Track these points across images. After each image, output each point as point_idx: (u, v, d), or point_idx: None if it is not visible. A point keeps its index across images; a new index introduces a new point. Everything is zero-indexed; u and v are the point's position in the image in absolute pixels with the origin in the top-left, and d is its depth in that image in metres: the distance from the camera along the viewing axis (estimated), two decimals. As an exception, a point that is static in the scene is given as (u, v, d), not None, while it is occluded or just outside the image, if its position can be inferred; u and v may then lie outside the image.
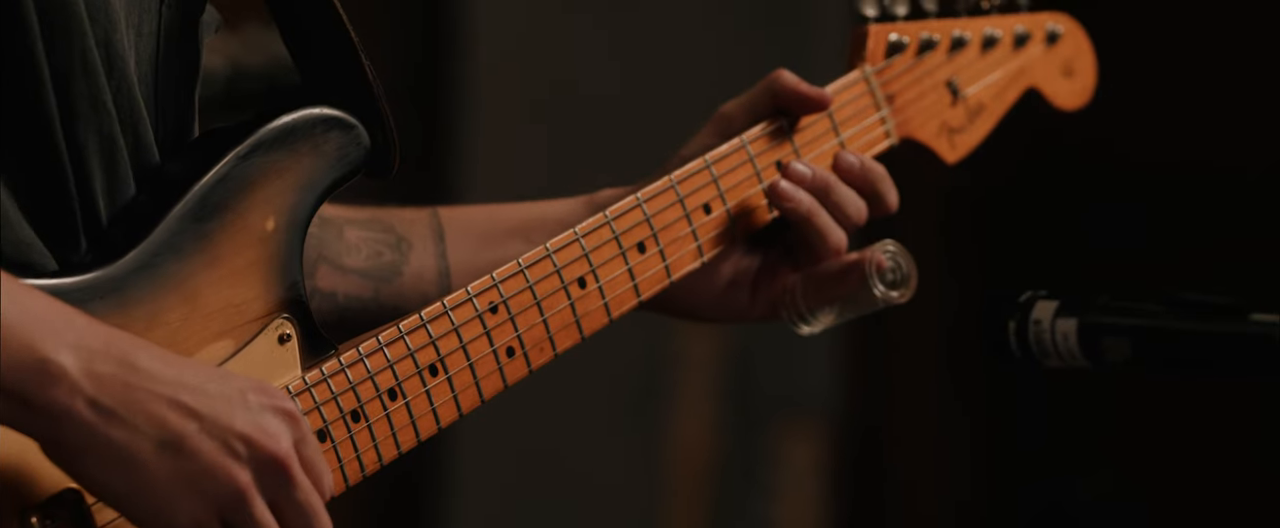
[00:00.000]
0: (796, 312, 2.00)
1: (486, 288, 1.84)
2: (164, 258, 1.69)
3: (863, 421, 4.37)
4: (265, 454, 1.60)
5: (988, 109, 2.13)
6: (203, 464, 1.58)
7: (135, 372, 1.57)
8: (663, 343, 4.18)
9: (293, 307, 1.75)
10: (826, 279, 2.00)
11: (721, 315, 2.03)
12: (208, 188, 1.71)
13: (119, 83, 1.70)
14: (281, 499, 1.62)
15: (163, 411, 1.58)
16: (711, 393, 4.24)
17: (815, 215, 1.98)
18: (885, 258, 1.97)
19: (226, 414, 1.59)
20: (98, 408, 1.56)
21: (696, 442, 4.23)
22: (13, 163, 1.65)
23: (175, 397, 1.58)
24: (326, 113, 1.75)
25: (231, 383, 1.61)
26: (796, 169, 1.98)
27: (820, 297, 1.99)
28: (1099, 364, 1.76)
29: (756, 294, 2.03)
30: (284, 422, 1.62)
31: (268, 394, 1.62)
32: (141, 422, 1.57)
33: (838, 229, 1.99)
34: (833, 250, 1.99)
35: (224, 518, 1.60)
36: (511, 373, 1.85)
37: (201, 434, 1.58)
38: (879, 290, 1.97)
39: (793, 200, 1.98)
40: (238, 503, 1.60)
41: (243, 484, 1.59)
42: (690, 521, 4.24)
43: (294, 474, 1.61)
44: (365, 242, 2.02)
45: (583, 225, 1.90)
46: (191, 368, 1.61)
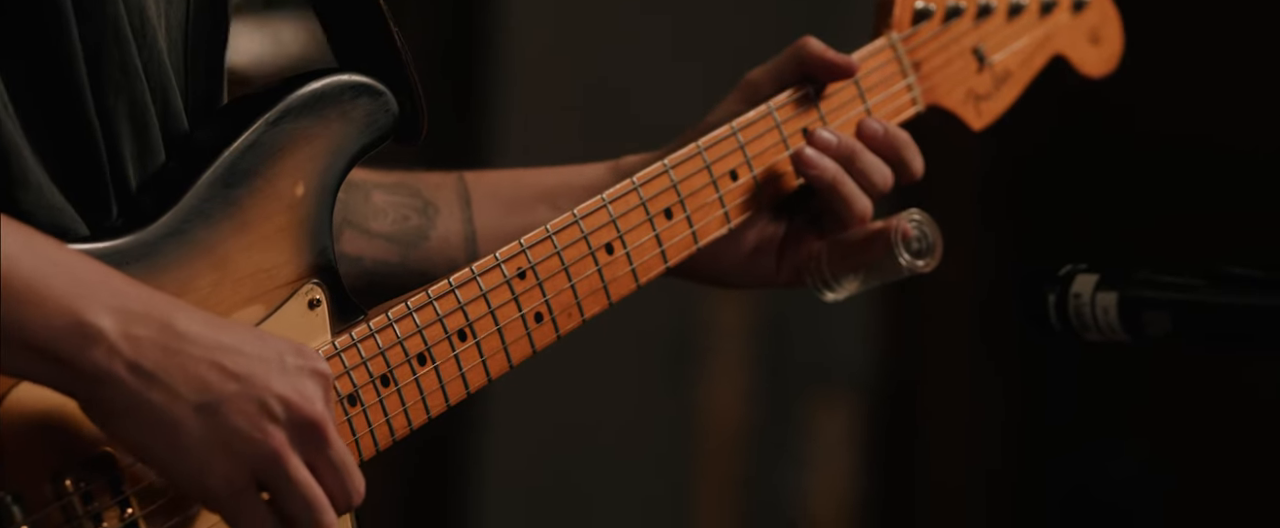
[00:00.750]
0: (821, 278, 2.00)
1: (515, 254, 1.85)
2: (194, 224, 1.70)
3: (895, 391, 4.37)
4: (301, 416, 1.61)
5: (1014, 76, 2.12)
6: (240, 426, 1.59)
7: (173, 334, 1.58)
8: (695, 311, 4.19)
9: (322, 272, 1.75)
10: (852, 246, 2.00)
11: (748, 281, 2.04)
12: (237, 154, 1.71)
13: (149, 50, 1.71)
14: (317, 460, 1.63)
15: (201, 372, 1.59)
16: (743, 362, 4.24)
17: (840, 183, 1.98)
18: (911, 226, 1.97)
19: (264, 376, 1.60)
20: (136, 370, 1.57)
21: (728, 410, 4.23)
22: (44, 129, 1.66)
23: (213, 359, 1.59)
24: (355, 79, 1.76)
25: (269, 345, 1.62)
26: (822, 136, 1.98)
27: (845, 263, 1.99)
28: (1139, 338, 1.76)
29: (782, 260, 2.03)
30: (319, 384, 1.63)
31: (304, 356, 1.63)
32: (179, 384, 1.58)
33: (863, 197, 1.99)
34: (858, 218, 1.99)
35: (260, 479, 1.61)
36: (540, 338, 1.86)
37: (238, 397, 1.59)
38: (904, 259, 1.97)
39: (817, 167, 1.98)
40: (274, 465, 1.61)
41: (278, 445, 1.60)
42: (721, 489, 4.24)
43: (329, 435, 1.62)
44: (392, 206, 2.02)
45: (610, 192, 1.90)
46: (229, 330, 1.61)
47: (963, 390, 4.41)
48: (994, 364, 4.38)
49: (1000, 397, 4.40)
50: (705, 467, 4.23)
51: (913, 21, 2.07)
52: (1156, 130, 4.26)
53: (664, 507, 4.22)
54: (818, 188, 1.99)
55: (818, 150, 1.98)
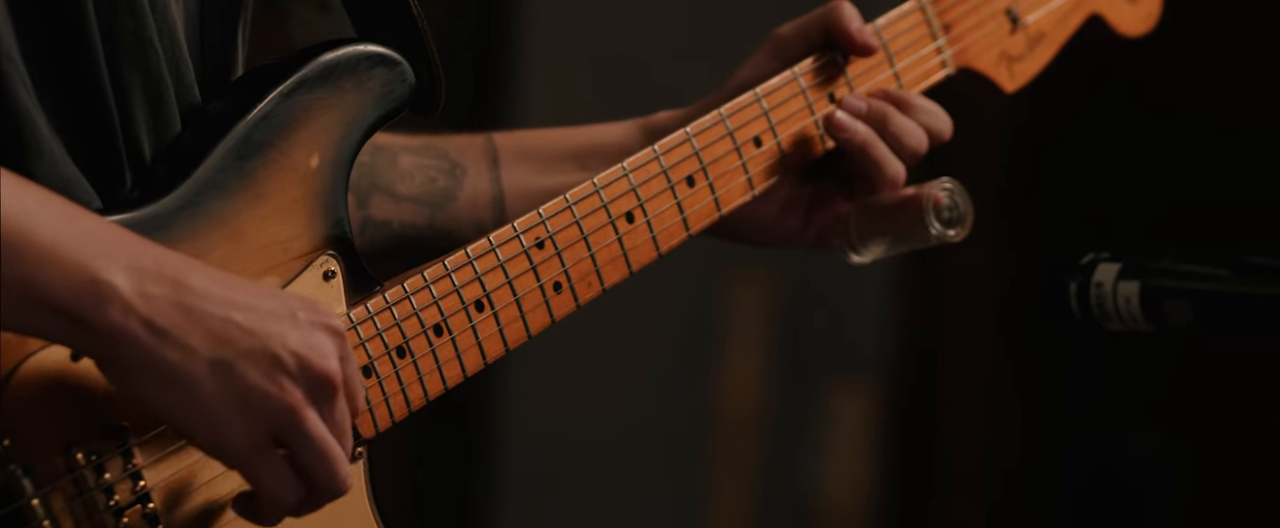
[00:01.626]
0: (848, 240, 1.99)
1: (533, 224, 1.83)
2: (208, 196, 1.69)
3: (913, 377, 4.36)
4: (315, 372, 1.61)
5: (1049, 36, 2.10)
6: (255, 383, 1.59)
7: (187, 292, 1.58)
8: (714, 296, 4.18)
9: (337, 243, 1.74)
10: (882, 210, 1.98)
11: (773, 240, 2.03)
12: (251, 126, 1.71)
13: (163, 22, 1.70)
14: (326, 415, 1.62)
15: (216, 329, 1.58)
16: (762, 348, 4.23)
17: (872, 146, 1.97)
18: (943, 195, 1.95)
19: (278, 332, 1.60)
20: (151, 328, 1.57)
21: (746, 396, 4.22)
22: (59, 102, 1.66)
23: (227, 316, 1.59)
24: (371, 49, 1.75)
25: (282, 301, 1.62)
26: (852, 101, 1.98)
27: (873, 227, 1.97)
28: (1161, 327, 1.76)
29: (810, 220, 2.02)
30: (332, 339, 1.63)
31: (316, 311, 1.63)
32: (195, 341, 1.58)
33: (895, 160, 1.98)
34: (889, 181, 1.98)
35: (277, 434, 1.61)
36: (558, 308, 1.84)
37: (253, 353, 1.59)
38: (935, 228, 1.95)
39: (848, 131, 1.97)
40: (290, 420, 1.60)
41: (295, 401, 1.60)
42: (739, 474, 4.23)
43: (338, 394, 1.62)
44: (419, 168, 2.01)
45: (631, 161, 1.89)
46: (242, 287, 1.61)
47: (981, 377, 4.40)
48: (1012, 351, 4.36)
49: (1018, 383, 4.39)
50: (723, 452, 4.22)
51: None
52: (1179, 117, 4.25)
53: (682, 491, 4.21)
54: (849, 152, 1.98)
55: (849, 114, 1.97)
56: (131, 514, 1.63)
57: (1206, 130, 4.23)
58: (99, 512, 1.62)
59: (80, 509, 1.61)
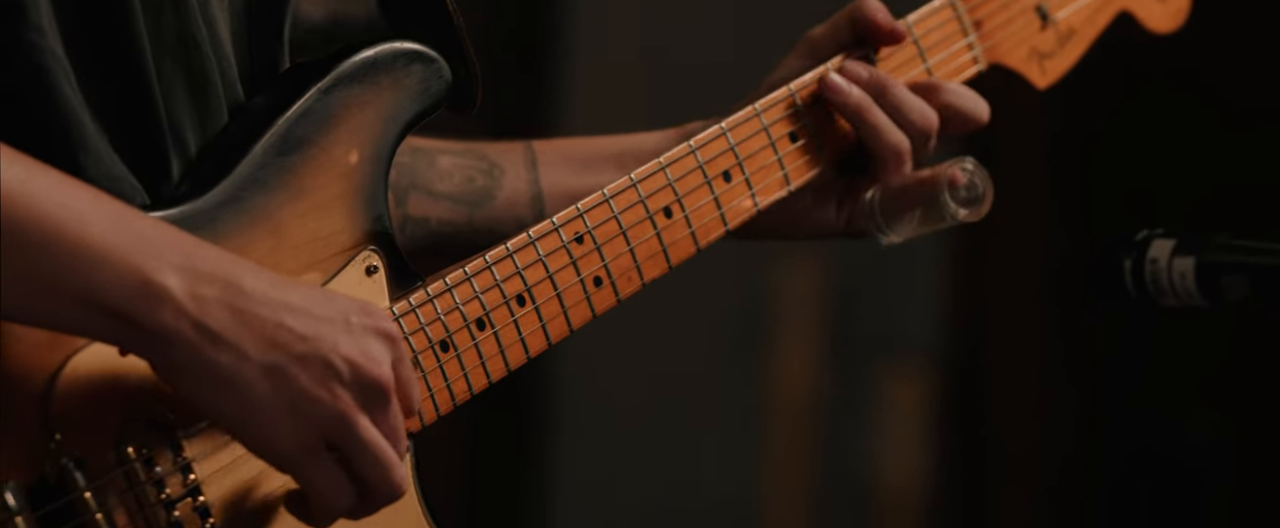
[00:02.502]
0: (875, 222, 1.98)
1: (572, 218, 1.84)
2: (250, 192, 1.70)
3: (965, 359, 4.35)
4: (368, 378, 1.61)
5: (1079, 33, 2.09)
6: (307, 388, 1.59)
7: (240, 294, 1.58)
8: (765, 282, 4.18)
9: (379, 239, 1.75)
10: (903, 191, 1.98)
11: (808, 232, 2.03)
12: (291, 122, 1.71)
13: (207, 18, 1.71)
14: (380, 420, 1.62)
15: (268, 333, 1.59)
16: (814, 333, 4.22)
17: (867, 111, 1.95)
18: (961, 174, 1.94)
19: (331, 337, 1.60)
20: (203, 331, 1.57)
21: (799, 380, 4.22)
22: (104, 98, 1.66)
23: (280, 320, 1.59)
24: (407, 46, 1.75)
25: (335, 304, 1.62)
26: (854, 66, 1.97)
27: (896, 208, 1.97)
28: (1217, 303, 1.75)
29: (840, 209, 2.02)
30: (386, 344, 1.62)
31: (370, 315, 1.63)
32: (248, 345, 1.58)
33: (895, 131, 1.96)
34: (891, 151, 1.96)
35: (330, 440, 1.61)
36: (599, 302, 1.85)
37: (306, 357, 1.59)
38: (950, 207, 1.94)
39: (841, 93, 1.95)
40: (342, 425, 1.60)
41: (346, 406, 1.60)
42: (792, 458, 4.23)
43: (391, 400, 1.62)
44: (458, 168, 2.02)
45: (668, 155, 1.90)
46: (296, 289, 1.61)
47: (1033, 357, 4.38)
48: (1063, 331, 4.35)
49: (1070, 363, 4.37)
50: (777, 438, 4.22)
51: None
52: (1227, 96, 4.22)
53: (735, 477, 4.21)
54: (844, 115, 1.97)
55: (845, 78, 1.96)
56: (183, 507, 1.64)
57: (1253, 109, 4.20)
58: (151, 505, 1.63)
59: (132, 502, 1.62)
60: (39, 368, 1.61)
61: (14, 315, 1.58)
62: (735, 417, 4.20)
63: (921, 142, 1.98)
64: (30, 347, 1.60)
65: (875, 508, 4.29)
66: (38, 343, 1.60)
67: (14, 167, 1.55)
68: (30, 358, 1.60)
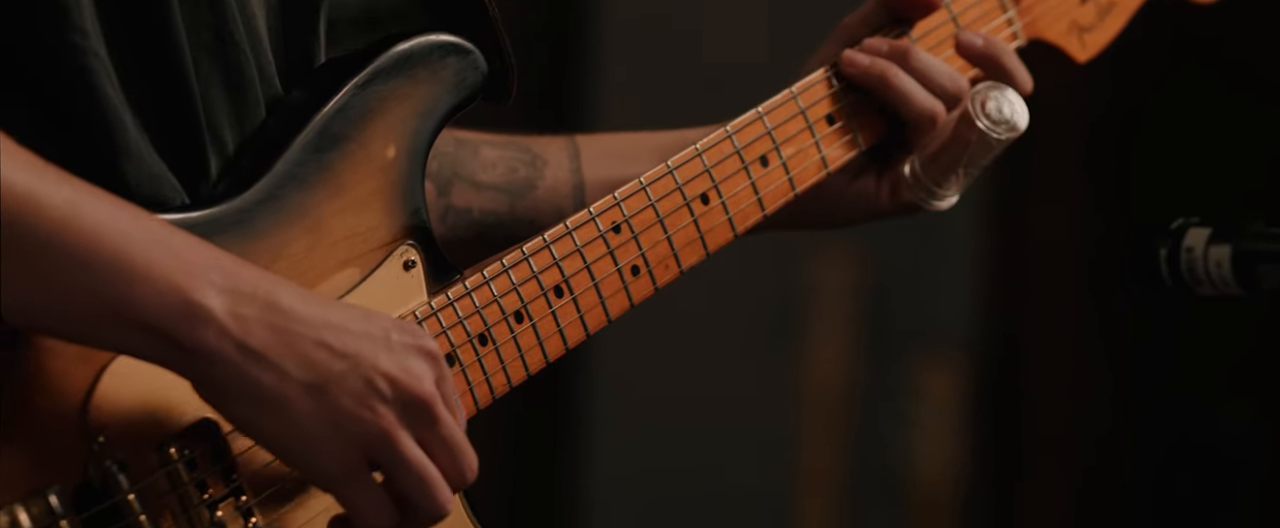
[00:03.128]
0: (924, 188, 1.96)
1: (609, 207, 1.84)
2: (287, 189, 1.70)
3: (1000, 350, 4.34)
4: (410, 395, 1.60)
5: (1119, 5, 2.08)
6: (348, 407, 1.59)
7: (280, 313, 1.58)
8: (799, 273, 4.17)
9: (417, 233, 1.75)
10: (940, 148, 1.95)
11: (851, 216, 2.02)
12: (328, 118, 1.71)
13: (245, 14, 1.71)
14: (428, 437, 1.62)
15: (309, 352, 1.58)
16: (848, 322, 4.22)
17: (891, 77, 1.94)
18: (984, 98, 1.92)
19: (371, 355, 1.60)
20: (245, 351, 1.57)
21: (833, 371, 4.21)
22: (145, 98, 1.67)
23: (320, 338, 1.59)
24: (443, 39, 1.75)
25: (375, 322, 1.61)
26: (874, 41, 1.96)
27: (940, 164, 1.94)
28: (1253, 292, 1.75)
29: (881, 186, 2.00)
30: (426, 361, 1.62)
31: (410, 333, 1.62)
32: (289, 364, 1.58)
33: (924, 93, 1.94)
34: (923, 113, 1.94)
35: (372, 459, 1.61)
36: (637, 292, 1.85)
37: (347, 376, 1.59)
38: (985, 125, 1.91)
39: (857, 65, 1.95)
40: (385, 444, 1.60)
41: (388, 425, 1.60)
42: (827, 449, 4.23)
43: (438, 412, 1.61)
44: (501, 159, 2.02)
45: (703, 142, 1.89)
46: (336, 308, 1.61)
47: (1068, 346, 4.37)
48: (1099, 320, 4.33)
49: (1106, 351, 4.35)
50: (812, 427, 4.21)
51: None
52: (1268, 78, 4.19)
53: (771, 467, 4.21)
54: (866, 86, 1.95)
55: (865, 52, 1.95)
56: (225, 507, 1.64)
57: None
58: (194, 506, 1.63)
59: (175, 504, 1.63)
60: (78, 377, 1.61)
61: (55, 331, 1.59)
62: (769, 408, 4.19)
63: (953, 104, 1.96)
64: (68, 360, 1.61)
65: (909, 499, 4.29)
66: (75, 355, 1.61)
67: (56, 184, 1.55)
68: (68, 369, 1.61)
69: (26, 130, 1.59)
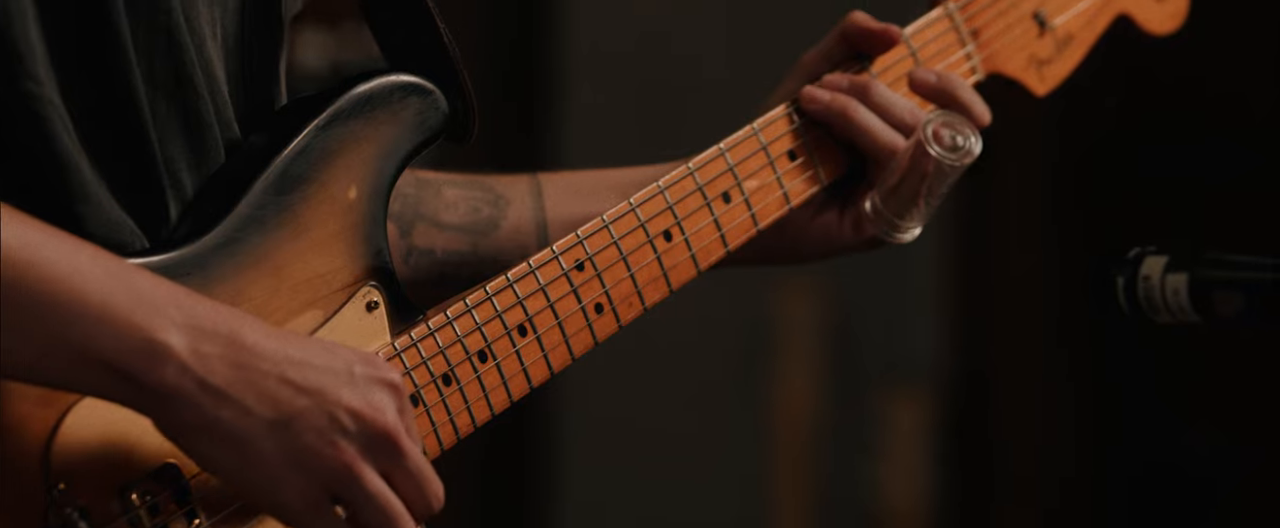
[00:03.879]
0: (886, 221, 1.96)
1: (572, 245, 1.84)
2: (248, 232, 1.69)
3: (967, 381, 4.34)
4: (373, 428, 1.60)
5: (1077, 38, 2.09)
6: (311, 442, 1.59)
7: (242, 349, 1.58)
8: (766, 307, 4.18)
9: (379, 274, 1.75)
10: (899, 181, 1.96)
11: (814, 251, 2.02)
12: (288, 161, 1.71)
13: (202, 59, 1.70)
14: (392, 469, 1.62)
15: (270, 388, 1.58)
16: (815, 355, 4.22)
17: (851, 112, 1.94)
18: (935, 124, 1.93)
19: (334, 389, 1.60)
20: (207, 388, 1.57)
21: (801, 404, 4.22)
22: (101, 143, 1.66)
23: (282, 374, 1.59)
24: (404, 79, 1.75)
25: (338, 357, 1.61)
26: (833, 77, 1.96)
27: (900, 195, 1.94)
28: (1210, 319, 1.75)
29: (843, 220, 2.01)
30: (389, 394, 1.62)
31: (373, 366, 1.62)
32: (251, 401, 1.58)
33: (885, 128, 1.95)
34: (885, 148, 1.95)
35: (334, 493, 1.61)
36: (601, 329, 1.85)
37: (309, 411, 1.59)
38: (936, 151, 1.91)
39: (819, 101, 1.95)
40: (347, 478, 1.60)
41: (350, 459, 1.60)
42: (795, 482, 4.23)
43: (402, 443, 1.61)
44: (463, 199, 2.02)
45: (666, 178, 1.89)
46: (297, 343, 1.61)
47: (1035, 378, 4.38)
48: (1064, 353, 4.35)
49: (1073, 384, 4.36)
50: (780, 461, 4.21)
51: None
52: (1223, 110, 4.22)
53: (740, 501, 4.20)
54: (826, 122, 1.95)
55: (826, 88, 1.95)
56: (187, 552, 1.63)
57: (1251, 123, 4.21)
58: (155, 551, 1.62)
59: (136, 550, 1.62)
60: (39, 421, 1.60)
61: (16, 375, 1.58)
62: (737, 442, 4.19)
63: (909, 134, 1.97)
64: (30, 403, 1.60)
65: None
66: (37, 399, 1.60)
67: (13, 227, 1.55)
68: (30, 413, 1.60)
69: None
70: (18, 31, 1.61)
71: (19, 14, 1.61)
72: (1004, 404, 4.38)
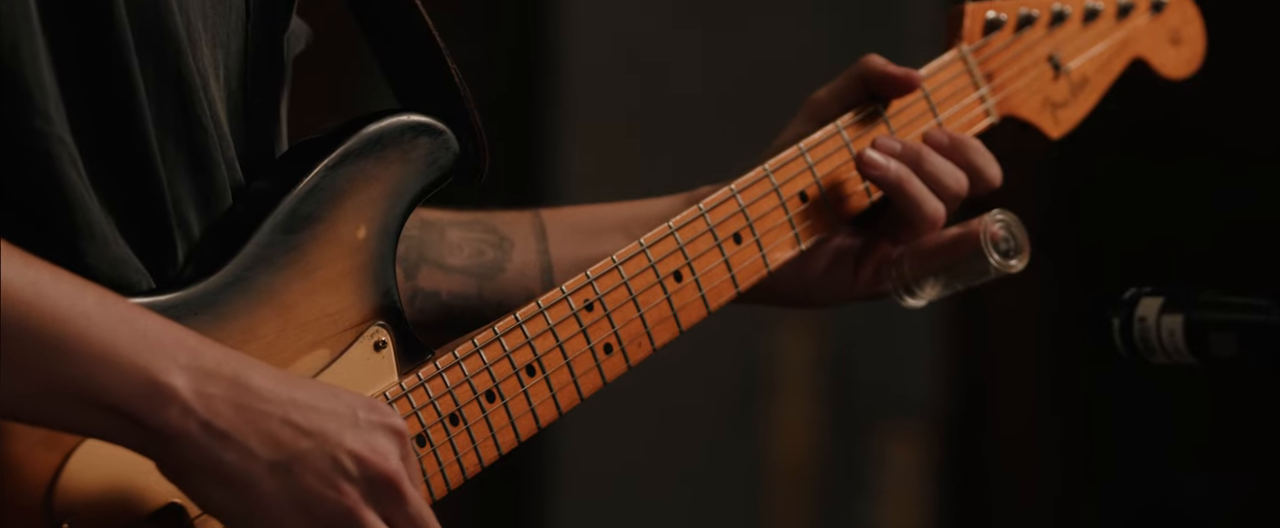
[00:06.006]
0: (903, 283, 1.96)
1: (581, 286, 1.83)
2: (256, 271, 1.69)
3: (964, 421, 4.34)
4: (376, 472, 1.60)
5: (1092, 82, 2.09)
6: (313, 485, 1.59)
7: (246, 392, 1.58)
8: (762, 345, 4.17)
9: (387, 313, 1.74)
10: (934, 250, 1.97)
11: (825, 298, 2.01)
12: (298, 200, 1.71)
13: (208, 98, 1.70)
14: (394, 514, 1.62)
15: (273, 430, 1.58)
16: (812, 394, 4.22)
17: (906, 182, 1.95)
18: (998, 227, 1.94)
19: (336, 433, 1.60)
20: (210, 430, 1.57)
21: (798, 442, 4.21)
22: (109, 181, 1.66)
23: (286, 416, 1.59)
24: (414, 119, 1.75)
25: (342, 400, 1.61)
26: (884, 140, 1.97)
27: (927, 268, 1.95)
28: (1206, 360, 1.75)
29: (859, 271, 2.01)
30: (392, 439, 1.62)
31: (377, 411, 1.62)
32: (254, 443, 1.57)
33: (933, 199, 1.96)
34: (929, 220, 1.96)
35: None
36: (610, 370, 1.84)
37: (312, 454, 1.59)
38: (995, 259, 1.93)
39: (880, 168, 1.95)
40: (349, 522, 1.60)
41: (352, 503, 1.59)
42: (792, 521, 4.22)
43: (404, 490, 1.61)
44: (467, 241, 2.01)
45: (677, 219, 1.89)
46: (302, 386, 1.61)
47: (1031, 416, 4.37)
48: (1061, 390, 4.34)
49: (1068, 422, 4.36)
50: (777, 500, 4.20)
51: (984, 32, 2.04)
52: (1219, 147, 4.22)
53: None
54: (884, 190, 1.97)
55: (882, 153, 1.96)
56: (190, 593, 1.63)
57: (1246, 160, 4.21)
58: (159, 593, 1.62)
59: (141, 588, 1.62)
60: (42, 463, 1.60)
61: (18, 415, 1.58)
62: (734, 479, 4.18)
63: (953, 205, 1.98)
64: (33, 445, 1.60)
65: (877, 570, 4.28)
66: (40, 440, 1.60)
67: (18, 267, 1.55)
68: (33, 455, 1.60)
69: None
70: (29, 71, 1.61)
71: (30, 54, 1.61)
72: (1000, 443, 4.38)
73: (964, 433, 4.34)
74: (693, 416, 4.15)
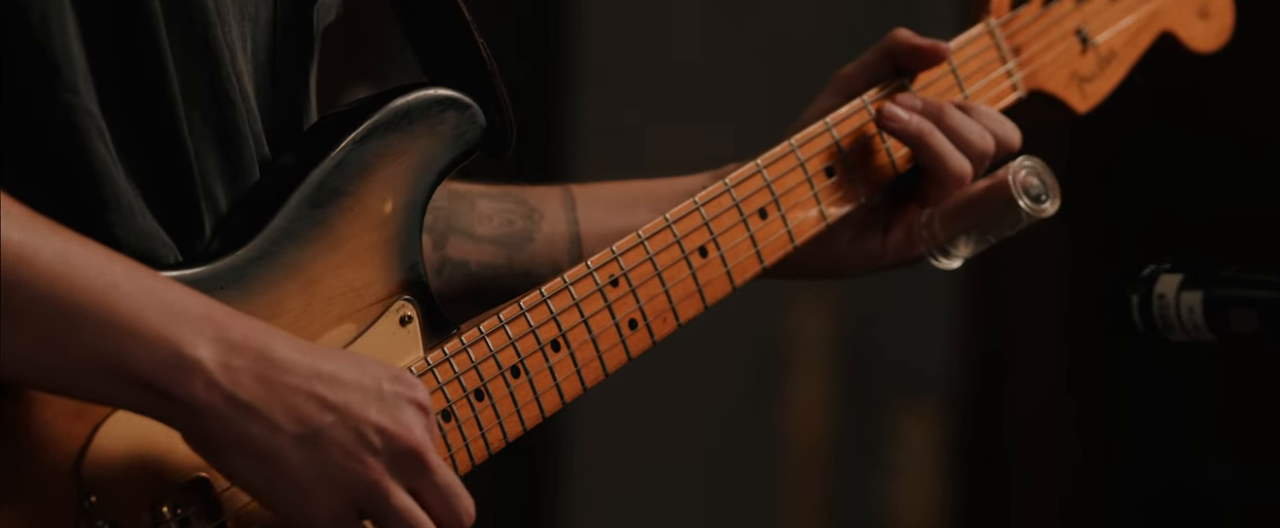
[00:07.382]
0: (935, 243, 1.95)
1: (607, 261, 1.83)
2: (283, 245, 1.69)
3: (980, 397, 4.34)
4: (400, 445, 1.61)
5: (1120, 56, 2.08)
6: (337, 458, 1.59)
7: (272, 365, 1.58)
8: (778, 322, 4.17)
9: (413, 288, 1.74)
10: (964, 206, 1.95)
11: (853, 266, 2.01)
12: (325, 174, 1.71)
13: (234, 71, 1.70)
14: (422, 486, 1.62)
15: (299, 403, 1.59)
16: (828, 370, 4.22)
17: (929, 135, 1.94)
18: (1026, 172, 1.92)
19: (361, 406, 1.60)
20: (235, 402, 1.57)
21: (813, 418, 4.21)
22: (137, 154, 1.66)
23: (311, 389, 1.59)
24: (442, 93, 1.75)
25: (367, 372, 1.61)
26: (905, 97, 1.96)
27: (959, 224, 1.93)
28: (1225, 337, 1.75)
29: (888, 237, 2.00)
30: (417, 412, 1.62)
31: (402, 383, 1.62)
32: (279, 415, 1.58)
33: (958, 154, 1.95)
34: (955, 175, 1.95)
35: (362, 509, 1.61)
36: (634, 345, 1.84)
37: (336, 427, 1.59)
38: (1027, 205, 1.91)
39: (900, 121, 1.94)
40: (374, 494, 1.60)
41: (378, 476, 1.60)
42: (808, 498, 4.22)
43: (430, 460, 1.62)
44: (497, 212, 2.02)
45: (702, 194, 1.89)
46: (328, 357, 1.61)
47: (1048, 392, 4.37)
48: (1078, 367, 4.34)
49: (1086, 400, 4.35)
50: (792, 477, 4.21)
51: (1012, 6, 2.04)
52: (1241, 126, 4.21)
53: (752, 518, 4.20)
54: (905, 142, 1.95)
55: (903, 107, 1.95)
56: (218, 565, 1.63)
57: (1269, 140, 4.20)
58: (186, 565, 1.62)
59: (168, 562, 1.62)
60: (72, 433, 1.61)
61: (46, 386, 1.58)
62: (750, 457, 4.18)
63: (980, 164, 1.96)
64: (62, 415, 1.60)
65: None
66: (70, 411, 1.60)
67: (46, 236, 1.55)
68: (62, 426, 1.60)
69: (17, 188, 1.58)
70: (57, 44, 1.61)
71: (59, 26, 1.61)
72: (1017, 417, 4.37)
73: (981, 409, 4.34)
74: (708, 391, 4.16)
